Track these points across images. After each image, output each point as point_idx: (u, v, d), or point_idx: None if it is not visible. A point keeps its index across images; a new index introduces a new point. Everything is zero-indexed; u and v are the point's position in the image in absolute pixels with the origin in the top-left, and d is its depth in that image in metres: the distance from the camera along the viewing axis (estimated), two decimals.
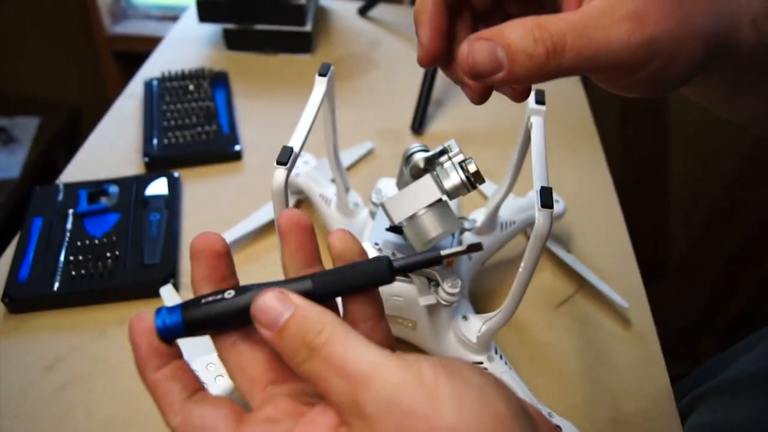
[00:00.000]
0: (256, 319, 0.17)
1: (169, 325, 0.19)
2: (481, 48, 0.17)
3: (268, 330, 0.17)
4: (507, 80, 0.18)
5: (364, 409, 0.15)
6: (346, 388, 0.15)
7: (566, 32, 0.17)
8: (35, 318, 0.41)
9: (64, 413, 0.36)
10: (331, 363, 0.16)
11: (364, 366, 0.15)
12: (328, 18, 0.79)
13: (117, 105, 0.61)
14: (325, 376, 0.16)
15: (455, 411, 0.14)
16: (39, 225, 0.45)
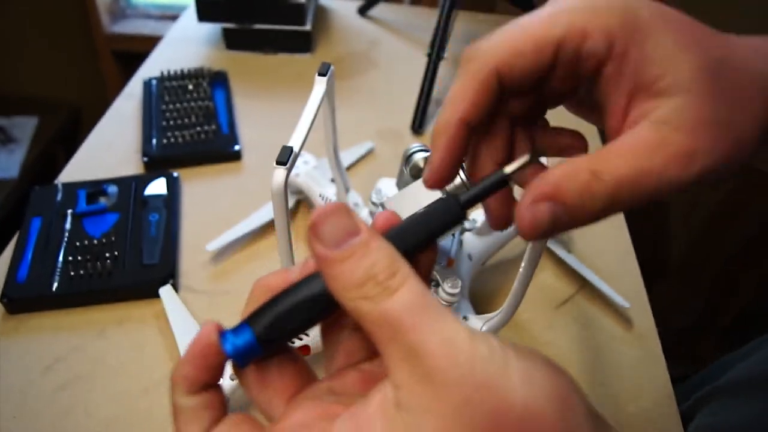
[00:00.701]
0: (316, 231, 0.15)
1: (240, 346, 0.16)
2: (543, 211, 0.17)
3: (328, 249, 0.15)
4: (563, 230, 0.18)
5: (433, 377, 0.13)
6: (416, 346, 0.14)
7: (621, 183, 0.16)
8: (34, 318, 0.41)
9: (63, 413, 0.36)
10: (407, 315, 0.14)
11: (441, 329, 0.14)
12: (328, 17, 0.79)
13: (116, 105, 0.61)
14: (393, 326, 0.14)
15: (527, 387, 0.13)
16: (38, 225, 0.45)
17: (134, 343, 0.40)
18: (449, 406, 0.13)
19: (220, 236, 0.46)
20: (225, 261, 0.46)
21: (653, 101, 0.17)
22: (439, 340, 0.14)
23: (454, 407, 0.13)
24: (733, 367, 0.41)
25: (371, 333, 0.15)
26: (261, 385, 0.18)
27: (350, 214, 0.15)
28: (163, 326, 0.40)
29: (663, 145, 0.17)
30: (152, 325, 0.41)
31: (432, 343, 0.14)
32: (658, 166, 0.16)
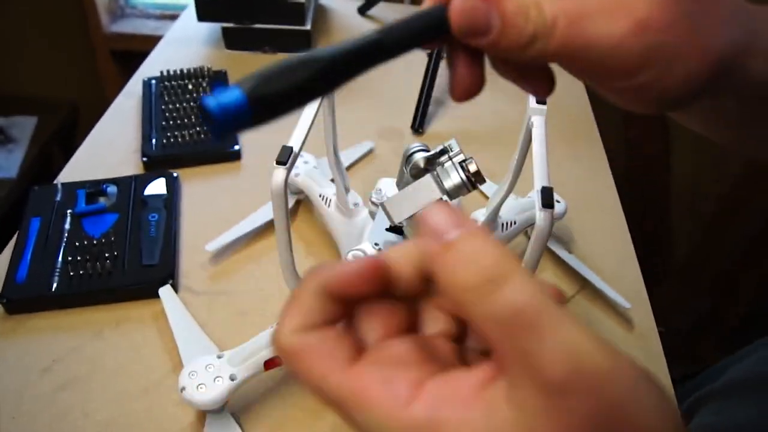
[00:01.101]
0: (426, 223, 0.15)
1: (227, 104, 0.14)
2: (478, 5, 0.17)
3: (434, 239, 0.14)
4: (490, 47, 0.17)
5: (550, 383, 0.12)
6: (532, 351, 0.12)
7: (558, 16, 0.16)
8: (33, 319, 0.41)
9: (61, 415, 0.35)
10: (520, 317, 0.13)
11: (564, 336, 0.12)
12: (328, 17, 0.79)
13: (115, 104, 0.61)
14: (509, 327, 0.13)
15: (656, 410, 0.12)
16: (37, 225, 0.45)
17: (133, 343, 0.40)
18: (572, 417, 0.12)
19: (219, 236, 0.46)
20: (225, 261, 0.45)
21: None
22: (564, 348, 0.12)
23: (578, 418, 0.12)
24: (729, 369, 0.41)
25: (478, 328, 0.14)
26: (370, 311, 0.16)
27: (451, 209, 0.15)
28: (162, 327, 0.40)
29: (617, 3, 0.16)
30: (151, 326, 0.41)
31: (556, 349, 0.12)
32: (605, 18, 0.16)
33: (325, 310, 0.16)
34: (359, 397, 0.14)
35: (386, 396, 0.14)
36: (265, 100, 0.15)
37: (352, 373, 0.15)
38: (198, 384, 0.33)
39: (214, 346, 0.38)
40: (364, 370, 0.15)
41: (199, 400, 0.32)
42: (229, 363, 0.34)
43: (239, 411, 0.36)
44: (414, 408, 0.14)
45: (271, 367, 0.34)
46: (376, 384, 0.14)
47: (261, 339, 0.35)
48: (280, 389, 0.37)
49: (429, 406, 0.14)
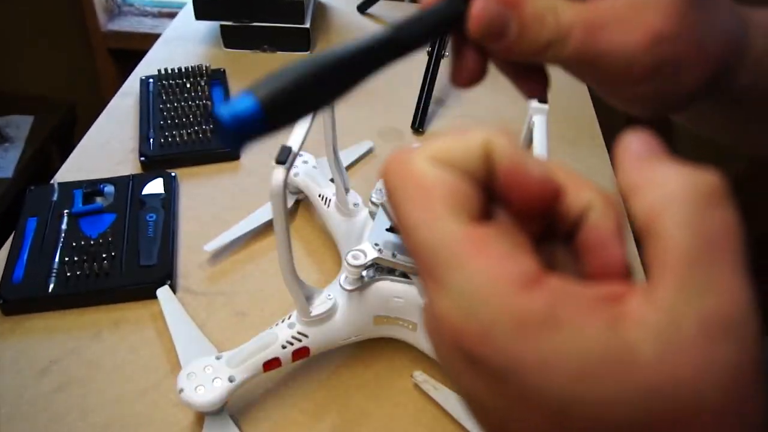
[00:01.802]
0: (629, 151, 0.13)
1: (240, 113, 0.13)
2: (498, 11, 0.17)
3: (641, 163, 0.13)
4: (506, 52, 0.18)
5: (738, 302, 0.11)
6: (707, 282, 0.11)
7: (575, 25, 0.17)
8: (30, 320, 0.40)
9: (58, 417, 0.35)
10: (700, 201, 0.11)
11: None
12: (327, 15, 0.78)
13: (113, 103, 0.61)
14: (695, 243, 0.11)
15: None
16: (33, 225, 0.45)
17: (131, 345, 0.39)
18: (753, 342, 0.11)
19: (218, 237, 0.46)
20: (223, 261, 0.45)
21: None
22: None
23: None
24: None
25: (665, 237, 0.12)
26: (437, 189, 0.13)
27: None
28: (160, 328, 0.40)
29: (633, 16, 0.17)
30: (149, 327, 0.40)
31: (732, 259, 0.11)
32: (621, 29, 0.17)
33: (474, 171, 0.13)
34: (472, 254, 0.12)
35: (507, 267, 0.11)
36: (280, 106, 0.14)
37: (472, 228, 0.12)
38: (196, 385, 0.33)
39: (213, 347, 0.38)
40: (489, 232, 0.12)
41: (197, 401, 0.32)
42: (228, 364, 0.34)
43: (238, 412, 0.36)
44: (534, 294, 0.11)
45: (270, 369, 0.34)
46: (499, 250, 0.12)
47: (260, 340, 0.34)
48: (279, 391, 0.37)
49: (551, 299, 0.11)
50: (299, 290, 0.33)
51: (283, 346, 0.34)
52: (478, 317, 0.11)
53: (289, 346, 0.34)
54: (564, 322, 0.11)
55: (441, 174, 0.13)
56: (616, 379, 0.10)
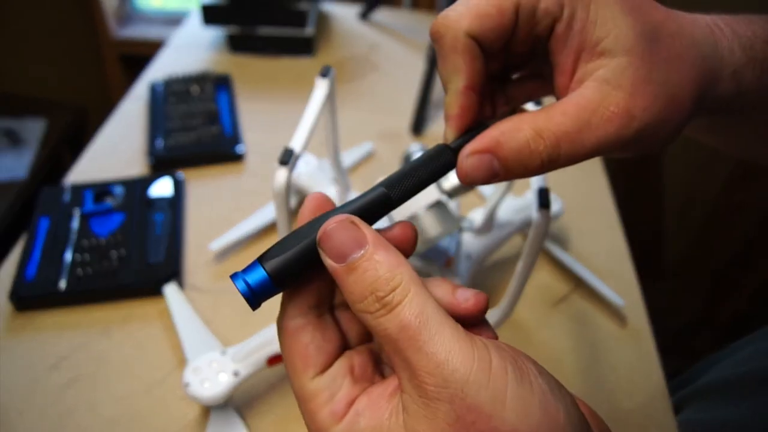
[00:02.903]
0: (321, 247, 0.17)
1: (254, 285, 0.17)
2: (479, 163, 0.18)
3: (334, 262, 0.16)
4: (502, 180, 0.19)
5: (427, 392, 0.15)
6: (413, 364, 0.15)
7: (560, 140, 0.18)
8: (41, 316, 0.41)
9: (68, 411, 0.36)
10: (404, 333, 0.15)
11: (437, 349, 0.15)
12: (330, 22, 0.80)
13: (122, 107, 0.62)
14: (394, 341, 0.15)
15: (518, 417, 0.14)
16: (46, 225, 0.46)
17: (139, 341, 0.40)
18: (441, 420, 0.14)
19: (223, 235, 0.47)
20: (228, 260, 0.46)
21: (597, 61, 0.18)
22: (434, 361, 0.15)
23: (446, 422, 0.14)
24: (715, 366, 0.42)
25: (377, 341, 0.16)
26: (297, 354, 0.18)
27: (355, 226, 0.17)
28: (167, 324, 0.41)
29: (604, 104, 0.18)
30: (156, 324, 0.41)
31: (426, 363, 0.15)
32: (598, 124, 0.18)
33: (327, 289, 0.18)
34: (308, 404, 0.17)
35: (326, 412, 0.17)
36: (286, 273, 0.17)
37: (311, 383, 0.17)
38: (202, 380, 0.33)
39: (218, 343, 0.39)
40: (321, 382, 0.17)
41: (203, 395, 0.33)
42: (233, 359, 0.34)
43: (243, 406, 0.37)
44: (342, 424, 0.16)
45: (274, 363, 0.35)
46: (323, 399, 0.17)
47: (264, 335, 0.35)
48: (283, 385, 0.38)
49: (352, 420, 0.16)
50: None
51: None
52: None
53: None
54: (363, 427, 0.16)
55: (297, 339, 0.18)
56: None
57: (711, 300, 0.96)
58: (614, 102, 0.18)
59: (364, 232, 0.16)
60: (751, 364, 0.38)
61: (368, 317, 0.16)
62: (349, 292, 0.16)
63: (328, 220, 0.17)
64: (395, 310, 0.15)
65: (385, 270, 0.16)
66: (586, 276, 0.46)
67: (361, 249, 0.16)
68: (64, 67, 1.21)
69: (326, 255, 0.17)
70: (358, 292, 0.16)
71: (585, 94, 0.18)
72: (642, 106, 0.18)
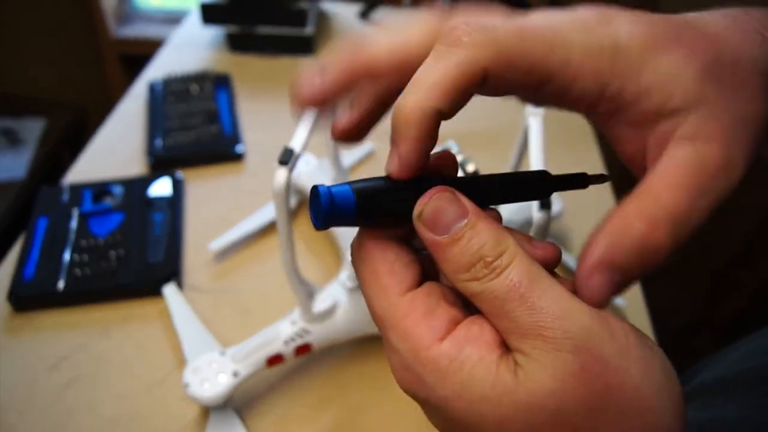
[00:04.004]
0: (422, 219, 0.16)
1: (337, 199, 0.16)
2: (601, 282, 0.16)
3: (435, 234, 0.16)
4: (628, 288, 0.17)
5: (546, 344, 0.14)
6: (529, 321, 0.14)
7: (677, 219, 0.16)
8: (40, 317, 0.41)
9: (68, 411, 0.36)
10: (515, 292, 0.15)
11: (552, 303, 0.14)
12: (330, 21, 0.79)
13: (121, 107, 0.62)
14: (502, 302, 0.15)
15: (642, 374, 0.14)
16: (44, 224, 0.46)
17: (138, 341, 0.40)
18: (564, 370, 0.14)
19: (222, 235, 0.47)
20: (228, 260, 0.46)
21: (670, 121, 0.16)
22: (552, 314, 0.14)
23: (570, 372, 0.14)
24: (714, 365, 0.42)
25: (480, 308, 0.16)
26: (384, 270, 0.17)
27: (455, 198, 0.16)
28: (166, 324, 0.41)
29: (704, 162, 0.16)
30: (156, 324, 0.41)
31: (544, 317, 0.14)
32: (707, 185, 0.16)
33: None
34: (403, 321, 0.16)
35: (425, 328, 0.16)
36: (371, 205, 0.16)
37: (404, 299, 0.16)
38: (201, 380, 0.33)
39: (218, 343, 0.39)
40: (416, 297, 0.16)
41: (202, 396, 0.33)
42: (232, 359, 0.34)
43: (242, 407, 0.37)
44: (444, 344, 0.15)
45: (274, 364, 0.35)
46: (419, 314, 0.16)
47: (264, 335, 0.35)
48: (283, 385, 0.38)
49: (457, 343, 0.15)
50: (302, 288, 0.33)
51: (285, 342, 0.35)
52: (411, 369, 0.16)
53: (291, 343, 0.35)
54: (466, 362, 0.15)
55: (382, 255, 0.17)
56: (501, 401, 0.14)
57: (711, 300, 0.96)
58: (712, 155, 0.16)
59: (464, 202, 0.16)
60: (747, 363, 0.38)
61: (474, 285, 0.15)
62: (453, 262, 0.16)
63: (425, 195, 0.16)
64: (505, 271, 0.15)
65: (490, 237, 0.15)
66: None
67: (463, 218, 0.16)
68: (64, 66, 1.21)
69: (426, 228, 0.16)
70: (465, 261, 0.15)
71: (677, 156, 0.16)
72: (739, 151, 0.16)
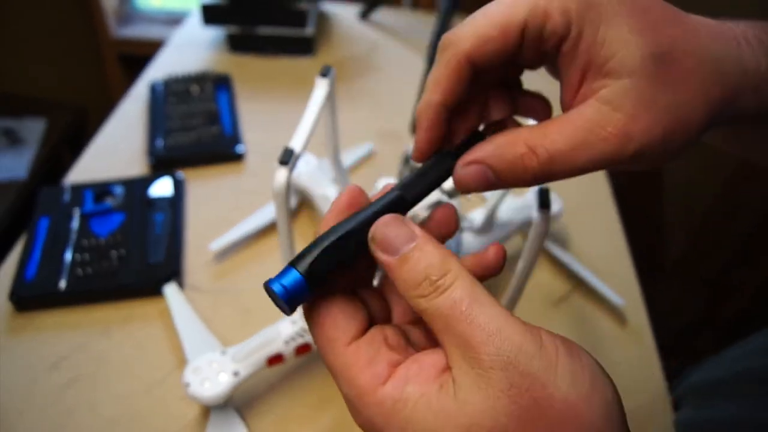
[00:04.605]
0: (376, 242, 0.18)
1: (289, 286, 0.17)
2: (473, 173, 0.19)
3: (388, 255, 0.17)
4: (496, 189, 0.20)
5: (481, 362, 0.15)
6: (466, 336, 0.16)
7: (554, 157, 0.18)
8: (41, 316, 0.41)
9: (68, 411, 0.36)
10: (456, 309, 0.16)
11: (488, 321, 0.16)
12: (330, 22, 0.80)
13: (122, 107, 0.62)
14: (446, 318, 0.16)
15: (569, 384, 0.15)
16: (45, 225, 0.46)
17: (139, 341, 0.40)
18: (495, 388, 0.15)
19: (223, 235, 0.47)
20: (228, 260, 0.46)
21: (601, 81, 0.18)
22: (487, 333, 0.15)
23: (500, 389, 0.15)
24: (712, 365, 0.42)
25: (429, 324, 0.17)
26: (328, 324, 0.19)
27: (405, 223, 0.18)
28: (167, 324, 0.41)
29: (601, 125, 0.18)
30: (157, 323, 0.42)
31: (480, 334, 0.15)
32: (594, 143, 0.18)
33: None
34: (349, 371, 0.17)
35: (369, 375, 0.17)
36: (319, 272, 0.18)
37: (348, 349, 0.18)
38: (202, 380, 0.33)
39: (218, 343, 0.39)
40: (359, 347, 0.18)
41: (203, 395, 0.33)
42: (233, 359, 0.34)
43: (243, 406, 0.37)
44: (387, 386, 0.17)
45: (274, 364, 0.35)
46: (363, 363, 0.17)
47: (264, 335, 0.35)
48: (283, 385, 0.38)
49: (398, 385, 0.17)
50: None
51: (286, 342, 0.35)
52: (361, 413, 0.17)
53: (292, 342, 0.35)
54: (409, 400, 0.16)
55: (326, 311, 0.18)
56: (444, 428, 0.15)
57: (712, 299, 0.96)
58: (612, 123, 0.18)
59: (413, 227, 0.18)
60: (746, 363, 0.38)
61: (422, 301, 0.17)
62: (402, 280, 0.17)
63: (379, 220, 0.18)
64: (448, 290, 0.16)
65: (436, 258, 0.17)
66: (586, 276, 0.46)
67: (412, 242, 0.17)
68: (64, 66, 1.21)
69: (379, 250, 0.18)
70: (413, 278, 0.17)
71: (584, 112, 0.18)
72: (641, 129, 0.18)
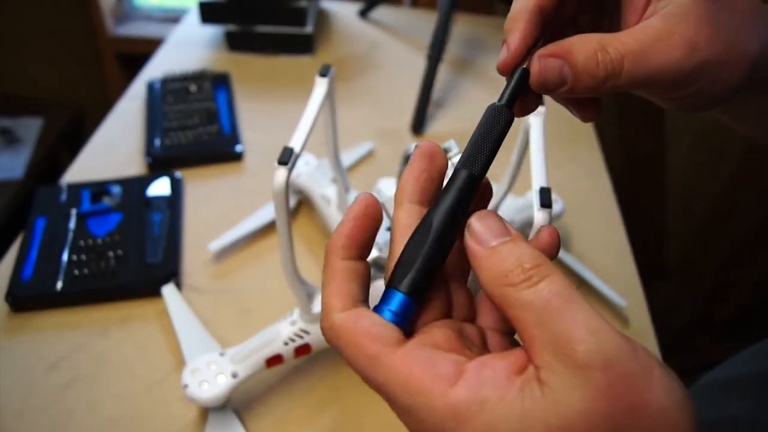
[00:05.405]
0: (472, 232, 0.17)
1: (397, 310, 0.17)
2: (552, 65, 0.19)
3: (481, 245, 0.17)
4: (568, 93, 0.20)
5: (577, 360, 0.14)
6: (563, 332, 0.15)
7: (625, 56, 0.19)
8: (38, 317, 0.41)
9: (67, 412, 0.36)
10: (553, 303, 0.15)
11: (588, 319, 0.15)
12: (329, 20, 0.79)
13: (120, 106, 0.62)
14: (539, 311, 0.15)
15: (666, 392, 0.14)
16: (42, 225, 0.46)
17: (137, 341, 0.40)
18: (593, 389, 0.14)
19: (222, 236, 0.46)
20: (227, 260, 0.46)
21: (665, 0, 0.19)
22: (587, 329, 0.15)
23: (598, 389, 0.14)
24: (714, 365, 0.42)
25: (513, 318, 0.16)
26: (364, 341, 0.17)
27: (502, 219, 0.18)
28: (165, 325, 0.41)
29: (669, 33, 0.19)
30: (155, 324, 0.41)
31: (580, 331, 0.15)
32: (662, 48, 0.19)
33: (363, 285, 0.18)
34: (406, 379, 0.15)
35: (432, 377, 0.15)
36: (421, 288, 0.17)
37: (398, 355, 0.16)
38: (200, 381, 0.33)
39: (217, 344, 0.38)
40: (411, 352, 0.16)
41: (201, 396, 0.33)
42: (231, 360, 0.34)
43: (241, 408, 0.37)
44: (458, 388, 0.15)
45: (273, 365, 0.35)
46: (422, 366, 0.16)
47: (263, 336, 0.35)
48: (281, 386, 0.38)
49: (472, 386, 0.15)
50: (301, 288, 0.33)
51: (285, 343, 0.35)
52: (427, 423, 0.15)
53: (291, 343, 0.35)
54: (486, 403, 0.15)
55: (358, 326, 0.16)
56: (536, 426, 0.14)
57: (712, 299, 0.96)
58: (679, 32, 0.19)
59: (508, 225, 0.18)
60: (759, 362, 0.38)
61: (510, 290, 0.16)
62: (489, 270, 0.16)
63: (478, 212, 0.18)
64: (544, 281, 0.15)
65: (529, 250, 0.16)
66: (588, 276, 0.46)
67: (507, 236, 0.17)
68: (62, 65, 1.21)
69: (473, 240, 0.17)
70: (506, 267, 0.16)
71: (652, 22, 0.19)
72: (706, 40, 0.19)
